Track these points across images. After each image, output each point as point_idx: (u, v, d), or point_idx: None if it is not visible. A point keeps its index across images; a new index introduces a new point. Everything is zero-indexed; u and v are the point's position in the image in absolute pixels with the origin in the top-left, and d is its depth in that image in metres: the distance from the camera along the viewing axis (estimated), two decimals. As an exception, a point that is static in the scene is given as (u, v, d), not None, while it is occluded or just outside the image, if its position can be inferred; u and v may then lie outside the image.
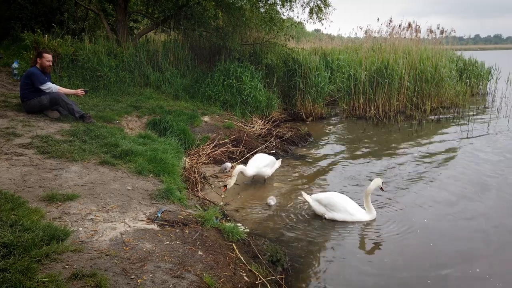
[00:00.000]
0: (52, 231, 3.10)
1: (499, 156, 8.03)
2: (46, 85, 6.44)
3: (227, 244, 3.89)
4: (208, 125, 8.68)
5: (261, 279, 3.57)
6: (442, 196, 5.99)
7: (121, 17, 10.73)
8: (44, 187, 4.03)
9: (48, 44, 8.78)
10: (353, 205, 5.26)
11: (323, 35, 21.25)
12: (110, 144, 5.59)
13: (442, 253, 4.38)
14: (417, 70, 12.51)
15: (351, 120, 12.07)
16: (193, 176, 6.32)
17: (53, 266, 2.75)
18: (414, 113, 12.20)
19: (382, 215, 5.37)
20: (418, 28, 13.63)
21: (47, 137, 5.45)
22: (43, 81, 6.42)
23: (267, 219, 5.27)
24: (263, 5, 11.17)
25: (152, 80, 10.16)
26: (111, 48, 9.99)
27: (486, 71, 17.63)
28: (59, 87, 6.69)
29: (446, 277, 3.96)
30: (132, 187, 4.53)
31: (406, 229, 4.95)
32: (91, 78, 9.20)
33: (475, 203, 5.74)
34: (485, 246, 4.56)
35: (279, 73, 11.85)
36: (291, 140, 9.15)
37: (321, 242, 4.71)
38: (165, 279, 2.89)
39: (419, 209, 5.57)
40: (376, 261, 4.29)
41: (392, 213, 5.46)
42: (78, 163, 4.83)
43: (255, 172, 6.37)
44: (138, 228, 3.62)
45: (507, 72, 16.62)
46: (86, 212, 3.71)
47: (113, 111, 7.59)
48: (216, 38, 10.83)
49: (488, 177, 6.80)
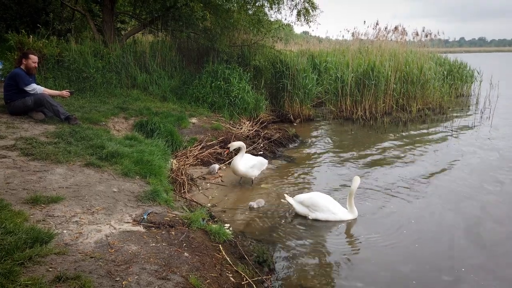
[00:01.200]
0: (36, 233, 3.07)
1: (483, 156, 8.20)
2: (31, 86, 6.36)
3: (213, 245, 3.90)
4: (196, 126, 8.67)
5: (247, 279, 3.59)
6: (428, 197, 6.09)
7: (108, 18, 10.65)
8: (28, 190, 3.98)
9: (33, 44, 8.66)
10: (335, 204, 5.33)
11: (311, 37, 21.43)
12: (96, 145, 5.54)
13: (429, 253, 4.46)
14: (402, 72, 12.70)
15: (338, 121, 12.18)
16: (180, 178, 6.31)
17: (36, 269, 2.73)
18: (400, 115, 12.37)
19: (366, 215, 5.43)
20: (404, 31, 13.85)
21: (31, 139, 5.38)
22: (27, 82, 6.34)
23: (254, 220, 5.29)
24: (251, 7, 11.21)
25: (139, 82, 10.10)
26: (98, 49, 9.90)
27: (470, 73, 17.98)
28: (44, 88, 6.61)
29: (432, 277, 4.03)
30: (118, 189, 4.51)
31: (392, 229, 5.02)
32: (77, 80, 9.10)
33: (462, 203, 5.85)
34: (471, 245, 4.66)
35: (267, 75, 11.90)
36: (279, 141, 9.20)
37: (307, 242, 4.75)
38: (150, 280, 2.89)
39: (404, 209, 5.66)
40: (361, 261, 4.34)
41: (377, 213, 5.53)
42: (63, 165, 4.79)
43: (244, 172, 6.39)
44: (123, 230, 3.61)
45: (490, 74, 16.98)
46: (71, 215, 3.67)
47: (99, 113, 7.53)
48: (204, 40, 10.83)
49: (472, 176, 6.94)
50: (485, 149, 8.73)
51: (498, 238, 4.83)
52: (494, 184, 6.57)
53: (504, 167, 7.42)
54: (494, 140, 9.59)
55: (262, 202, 5.76)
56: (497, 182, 6.68)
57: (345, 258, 4.39)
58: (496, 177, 6.89)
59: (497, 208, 5.66)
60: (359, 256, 4.44)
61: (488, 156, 8.19)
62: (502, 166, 7.48)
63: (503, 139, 9.65)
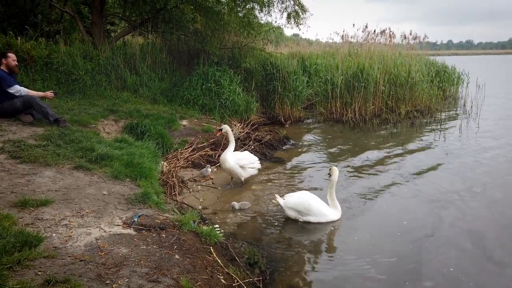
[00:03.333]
0: (24, 237, 3.04)
1: (470, 156, 8.33)
2: (14, 88, 6.24)
3: (204, 247, 3.90)
4: (186, 128, 8.65)
5: (239, 281, 3.60)
6: (416, 196, 6.17)
7: (97, 20, 10.58)
8: (16, 193, 3.94)
9: (22, 46, 8.56)
10: (324, 205, 5.33)
11: (301, 39, 21.54)
12: (86, 148, 5.50)
13: (421, 252, 4.53)
14: (391, 74, 12.84)
15: (328, 123, 12.26)
16: (171, 180, 6.29)
17: (25, 273, 2.70)
18: (389, 117, 12.51)
19: (356, 215, 5.49)
20: (393, 34, 14.02)
21: (20, 141, 5.32)
22: (10, 83, 6.20)
23: (245, 222, 5.30)
24: (242, 10, 11.24)
25: (129, 84, 10.05)
26: (87, 51, 9.82)
27: (457, 75, 18.26)
28: (27, 90, 6.50)
29: (420, 276, 4.09)
30: (108, 192, 4.48)
31: (381, 229, 5.08)
32: (66, 82, 9.02)
33: (450, 203, 5.93)
34: (460, 244, 4.74)
35: (257, 77, 11.94)
36: (270, 143, 9.23)
37: (297, 244, 4.78)
38: (141, 283, 2.88)
39: (393, 209, 5.72)
40: (352, 261, 4.37)
41: (366, 213, 5.59)
42: (52, 168, 4.74)
43: (232, 164, 6.42)
44: (114, 233, 3.59)
45: (477, 76, 17.28)
46: (60, 218, 3.64)
47: (89, 115, 7.47)
48: (194, 42, 10.83)
49: (458, 176, 7.05)
50: (472, 150, 8.87)
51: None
52: (479, 186, 6.66)
53: (491, 168, 7.55)
54: (481, 140, 9.78)
55: (247, 205, 5.74)
56: (480, 183, 6.77)
57: (336, 259, 4.43)
58: (480, 179, 6.98)
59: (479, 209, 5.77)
60: (351, 257, 4.47)
61: (475, 157, 8.32)
62: (489, 167, 7.62)
63: (490, 139, 9.83)
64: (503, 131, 10.94)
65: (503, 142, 9.58)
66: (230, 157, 6.46)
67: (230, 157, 6.46)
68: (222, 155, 6.54)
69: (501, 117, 13.01)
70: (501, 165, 7.81)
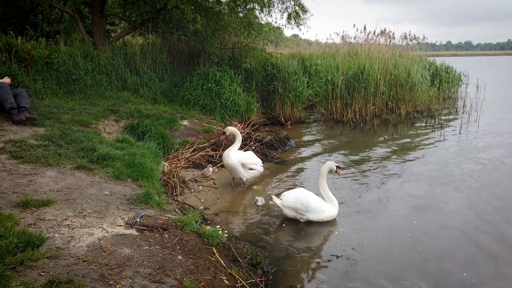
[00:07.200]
0: (27, 237, 3.03)
1: (469, 158, 8.32)
2: None
3: (207, 248, 3.89)
4: (187, 129, 8.64)
5: (241, 282, 3.59)
6: (416, 196, 6.17)
7: (97, 20, 10.56)
8: (18, 193, 3.92)
9: (22, 46, 8.53)
10: (322, 200, 5.36)
11: (301, 40, 21.55)
12: (87, 148, 5.49)
13: (423, 252, 4.52)
14: (391, 75, 12.85)
15: (329, 124, 12.26)
16: (172, 181, 6.28)
17: (28, 274, 2.69)
18: (389, 117, 12.51)
19: (358, 216, 5.48)
20: (392, 35, 14.03)
21: (21, 141, 5.30)
22: None
23: (247, 223, 5.29)
24: (242, 10, 11.24)
25: (129, 84, 10.03)
26: (87, 51, 9.80)
27: (457, 76, 18.29)
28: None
29: (423, 277, 4.09)
30: (110, 192, 4.47)
31: (384, 231, 5.07)
32: (67, 82, 8.99)
33: (446, 204, 5.94)
34: (458, 245, 4.73)
35: (258, 78, 11.93)
36: (271, 143, 9.22)
37: (300, 244, 4.76)
38: (144, 284, 2.87)
39: (393, 209, 5.72)
40: (354, 262, 4.37)
41: (368, 212, 5.58)
42: (54, 168, 4.73)
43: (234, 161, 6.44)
44: (116, 233, 3.58)
45: (476, 77, 17.30)
46: (62, 218, 3.63)
47: (89, 115, 7.45)
48: (194, 42, 10.81)
49: (457, 177, 7.05)
50: (472, 150, 8.88)
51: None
52: (479, 186, 6.68)
53: (491, 168, 7.56)
54: (481, 140, 9.80)
55: (262, 200, 5.93)
56: (481, 183, 6.77)
57: (339, 259, 4.42)
58: (480, 179, 6.99)
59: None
60: (353, 257, 4.46)
61: (474, 158, 8.32)
62: (490, 166, 7.62)
63: (490, 139, 9.84)
64: (503, 131, 10.95)
65: (503, 142, 9.59)
66: (233, 154, 6.46)
67: (234, 154, 6.47)
68: (226, 151, 6.56)
69: (501, 118, 13.03)
70: (503, 164, 7.81)
